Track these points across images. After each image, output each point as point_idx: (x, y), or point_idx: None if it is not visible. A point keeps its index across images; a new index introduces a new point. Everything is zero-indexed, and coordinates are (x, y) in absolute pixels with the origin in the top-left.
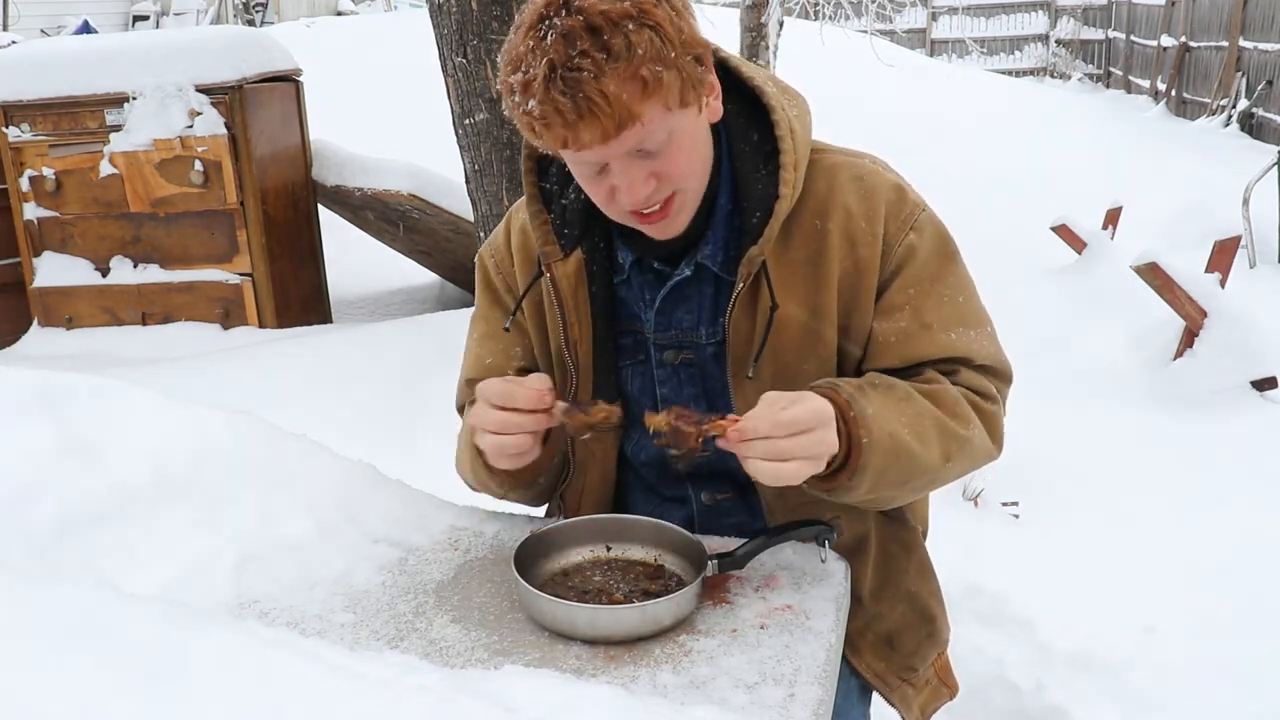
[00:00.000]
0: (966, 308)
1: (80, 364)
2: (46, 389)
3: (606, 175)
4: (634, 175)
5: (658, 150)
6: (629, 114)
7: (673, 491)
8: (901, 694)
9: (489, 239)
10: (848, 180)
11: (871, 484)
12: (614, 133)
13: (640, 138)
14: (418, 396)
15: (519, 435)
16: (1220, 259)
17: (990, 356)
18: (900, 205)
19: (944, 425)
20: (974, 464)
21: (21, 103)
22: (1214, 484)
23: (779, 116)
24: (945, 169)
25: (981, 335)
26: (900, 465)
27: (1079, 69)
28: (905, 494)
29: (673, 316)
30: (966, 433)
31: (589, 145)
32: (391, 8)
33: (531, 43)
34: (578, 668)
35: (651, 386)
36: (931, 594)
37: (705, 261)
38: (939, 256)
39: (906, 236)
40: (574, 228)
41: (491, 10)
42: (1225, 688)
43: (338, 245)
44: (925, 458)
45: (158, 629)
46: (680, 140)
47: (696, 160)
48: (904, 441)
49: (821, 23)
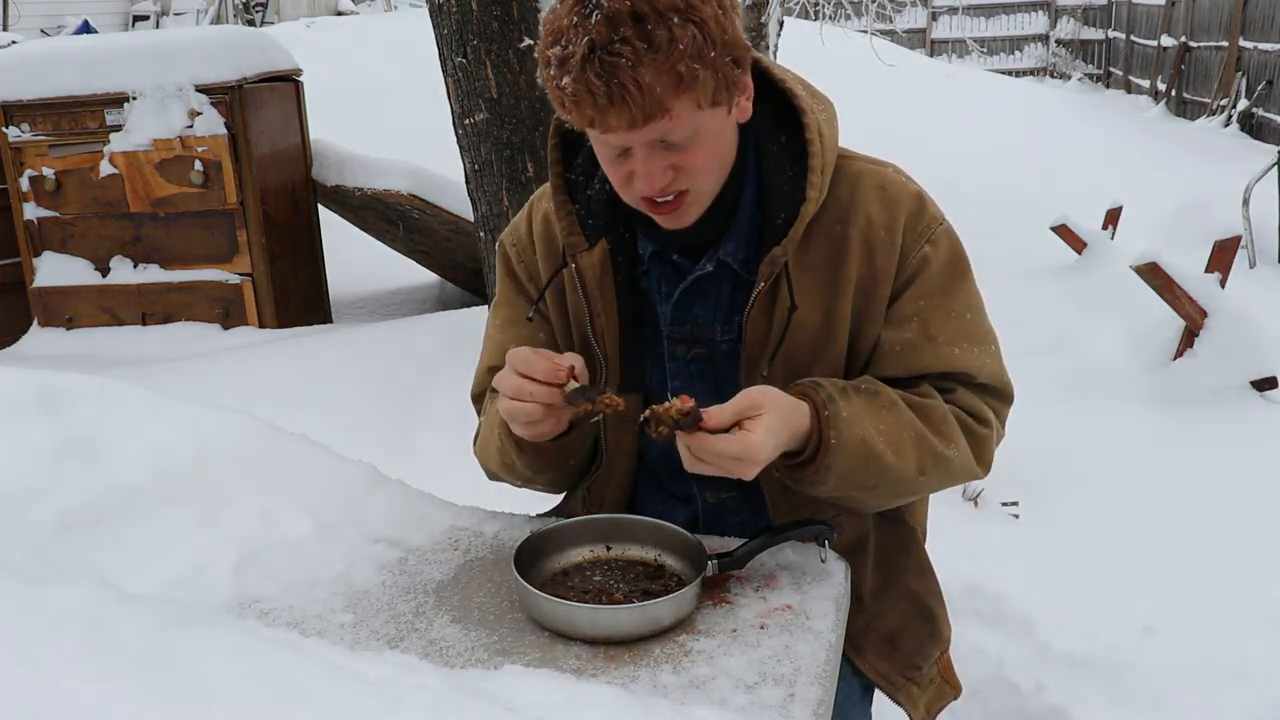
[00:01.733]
0: (973, 324)
1: (80, 364)
2: (46, 389)
3: (627, 160)
4: (654, 164)
5: (681, 144)
6: (659, 106)
7: (679, 489)
8: (907, 693)
9: (510, 226)
10: (871, 188)
11: (836, 483)
12: (641, 122)
13: (666, 130)
14: (418, 396)
15: (530, 404)
16: (1220, 259)
17: (992, 375)
18: (919, 217)
19: (924, 439)
20: (952, 481)
21: (21, 103)
22: (1214, 484)
23: (809, 120)
24: (945, 169)
25: (985, 353)
26: (869, 471)
27: (1079, 69)
28: (876, 499)
29: (689, 311)
30: (947, 451)
31: (615, 130)
32: (391, 8)
33: (576, 18)
34: (578, 668)
35: (665, 378)
36: (932, 593)
37: (727, 259)
38: (952, 271)
39: (922, 248)
40: (599, 218)
41: (491, 10)
42: (1225, 688)
43: (338, 245)
44: (897, 467)
45: (158, 629)
46: (705, 138)
47: (717, 159)
48: (875, 448)
49: (821, 23)
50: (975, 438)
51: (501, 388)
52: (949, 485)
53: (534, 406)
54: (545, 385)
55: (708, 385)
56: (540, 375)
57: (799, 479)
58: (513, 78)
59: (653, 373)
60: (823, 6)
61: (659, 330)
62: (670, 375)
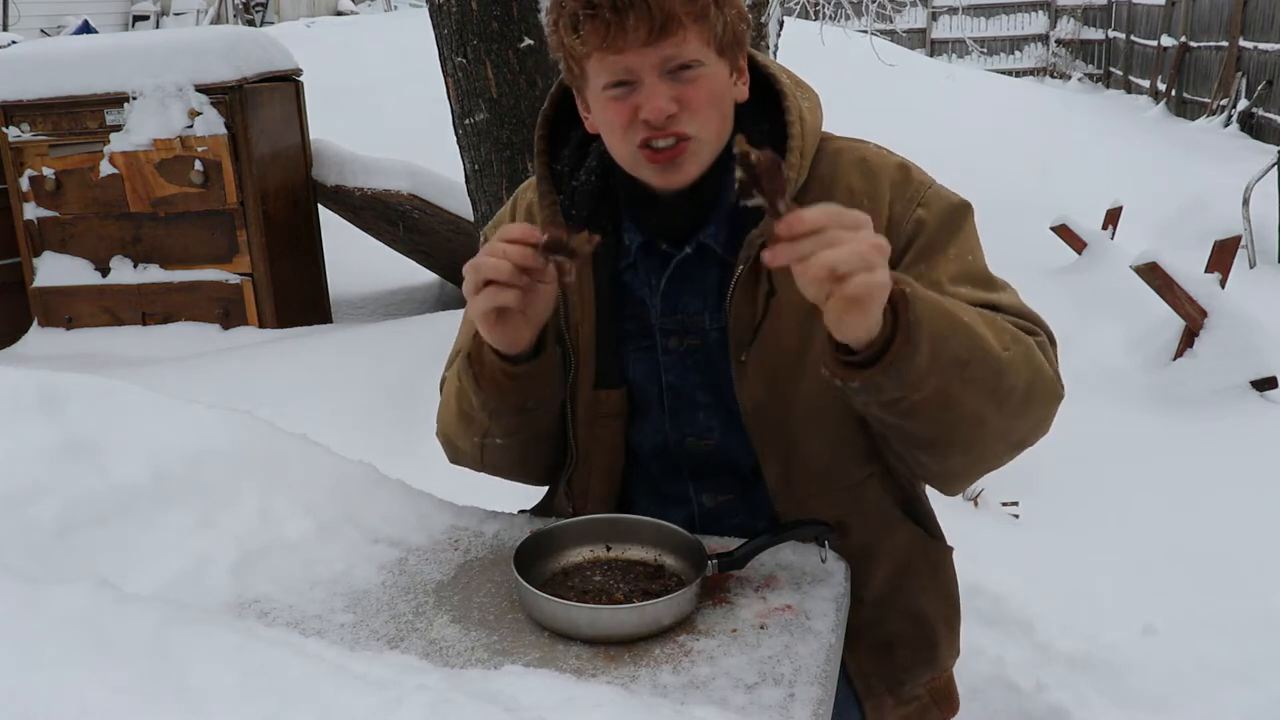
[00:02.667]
0: (975, 266)
1: (80, 364)
2: (46, 389)
3: (632, 94)
4: (660, 92)
5: (690, 76)
6: (675, 20)
7: (674, 490)
8: (878, 702)
9: (494, 217)
10: (851, 163)
11: (930, 348)
12: (656, 34)
13: (677, 52)
14: (418, 397)
15: (504, 262)
16: (1220, 259)
17: (1019, 309)
18: (905, 184)
19: (991, 319)
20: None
21: (21, 103)
22: (1214, 484)
23: (790, 104)
24: (945, 169)
25: (1000, 293)
26: (957, 336)
27: (1079, 69)
28: (972, 392)
29: (679, 301)
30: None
31: (629, 46)
32: (391, 8)
33: None
34: (578, 668)
35: (657, 372)
36: (944, 620)
37: (708, 240)
38: (948, 228)
39: (914, 212)
40: (582, 210)
41: (491, 10)
42: (1225, 688)
43: (338, 245)
44: (982, 335)
45: (158, 629)
46: (710, 81)
47: (718, 113)
48: (952, 309)
49: (821, 23)
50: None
51: (476, 261)
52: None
53: (507, 265)
54: (520, 245)
55: (702, 378)
56: (516, 235)
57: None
58: (513, 78)
59: (639, 368)
60: (823, 6)
61: (647, 324)
62: (664, 369)
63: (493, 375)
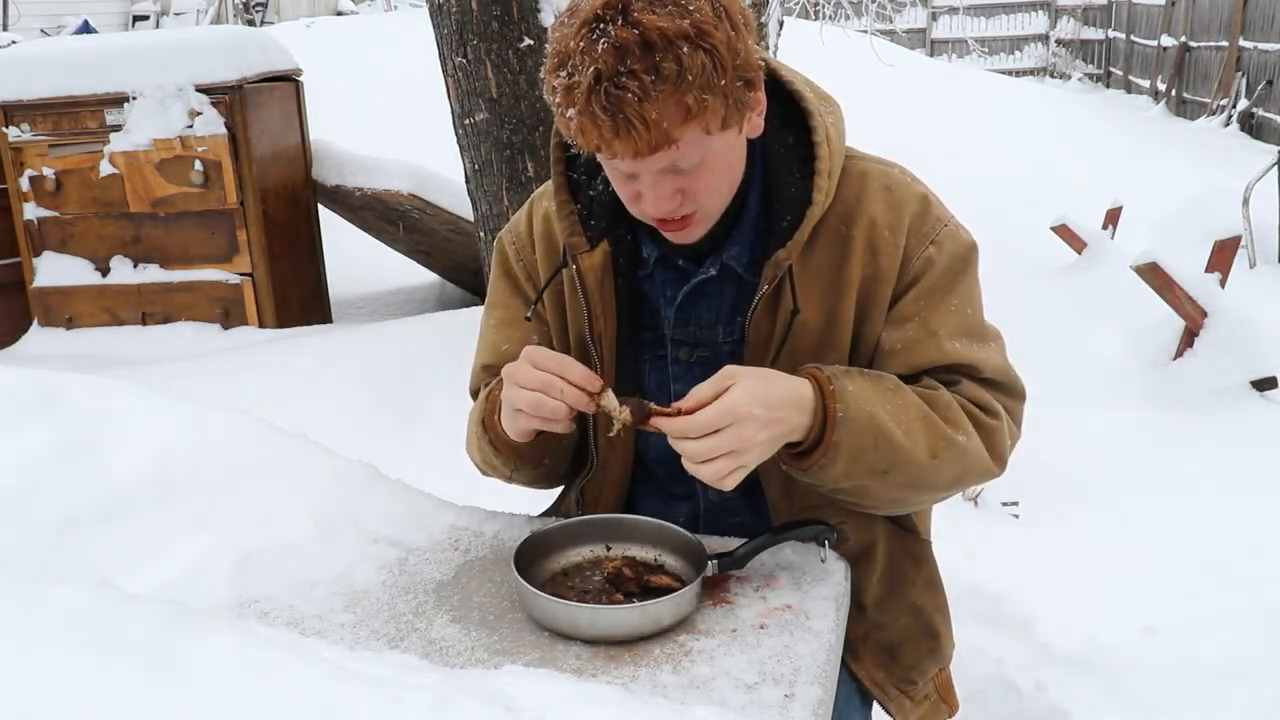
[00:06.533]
0: (973, 320)
1: (80, 364)
2: (46, 389)
3: (635, 181)
4: (662, 189)
5: (690, 169)
6: (666, 138)
7: (680, 489)
8: (899, 704)
9: (510, 223)
10: (877, 189)
11: (847, 466)
12: (647, 153)
13: (674, 158)
14: (418, 397)
15: (558, 402)
16: (1220, 259)
17: (998, 370)
18: (924, 219)
19: (932, 421)
20: (967, 471)
21: (21, 103)
22: (1214, 484)
23: (817, 123)
24: (945, 169)
25: (987, 348)
26: (879, 451)
27: (1079, 69)
28: (890, 490)
29: (692, 314)
30: (957, 436)
31: (621, 158)
32: (391, 8)
33: (583, 44)
34: (578, 668)
35: (667, 382)
36: (937, 609)
37: (731, 263)
38: (953, 271)
39: (926, 250)
40: (601, 219)
41: (491, 10)
42: (1225, 688)
43: (338, 245)
44: (908, 448)
45: (158, 629)
46: (714, 160)
47: (726, 179)
48: (884, 425)
49: (821, 23)
50: (984, 428)
51: (522, 380)
52: (965, 480)
53: (560, 405)
54: (578, 389)
55: None
56: (576, 379)
57: (808, 467)
58: (513, 78)
59: (652, 376)
60: (823, 6)
61: (661, 334)
62: (673, 379)
63: (509, 445)
